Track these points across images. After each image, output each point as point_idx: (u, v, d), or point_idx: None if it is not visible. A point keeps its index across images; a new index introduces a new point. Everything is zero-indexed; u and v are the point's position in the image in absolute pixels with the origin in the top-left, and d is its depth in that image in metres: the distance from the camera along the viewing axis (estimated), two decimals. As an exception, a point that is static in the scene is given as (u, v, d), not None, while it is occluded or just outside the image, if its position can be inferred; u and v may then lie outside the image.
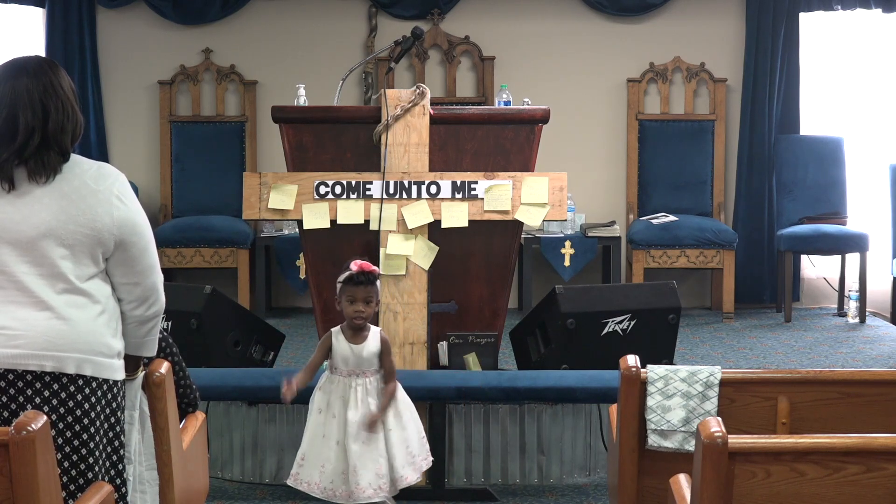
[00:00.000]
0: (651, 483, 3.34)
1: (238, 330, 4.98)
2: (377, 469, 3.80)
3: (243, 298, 7.15)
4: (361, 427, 3.79)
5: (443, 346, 4.74)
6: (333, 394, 3.85)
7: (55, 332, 2.69)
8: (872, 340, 6.80)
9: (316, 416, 3.86)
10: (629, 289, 5.30)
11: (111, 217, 2.75)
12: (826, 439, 2.49)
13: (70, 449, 2.70)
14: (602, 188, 7.70)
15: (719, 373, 3.29)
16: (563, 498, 4.40)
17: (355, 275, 3.85)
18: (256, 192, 4.78)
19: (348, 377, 3.84)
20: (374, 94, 7.35)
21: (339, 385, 3.85)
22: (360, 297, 3.85)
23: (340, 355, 3.86)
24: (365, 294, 3.85)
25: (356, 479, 3.77)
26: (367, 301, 3.85)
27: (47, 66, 2.80)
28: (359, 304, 3.85)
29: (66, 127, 2.76)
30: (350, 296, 3.85)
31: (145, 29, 7.66)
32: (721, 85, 7.62)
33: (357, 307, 3.85)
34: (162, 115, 7.61)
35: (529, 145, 4.83)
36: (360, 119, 4.84)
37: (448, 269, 4.79)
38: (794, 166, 7.51)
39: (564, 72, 7.65)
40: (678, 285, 5.06)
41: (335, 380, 3.86)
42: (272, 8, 7.67)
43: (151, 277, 2.85)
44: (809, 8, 7.62)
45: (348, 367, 3.85)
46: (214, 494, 4.35)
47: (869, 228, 7.40)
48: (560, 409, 4.52)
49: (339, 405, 3.83)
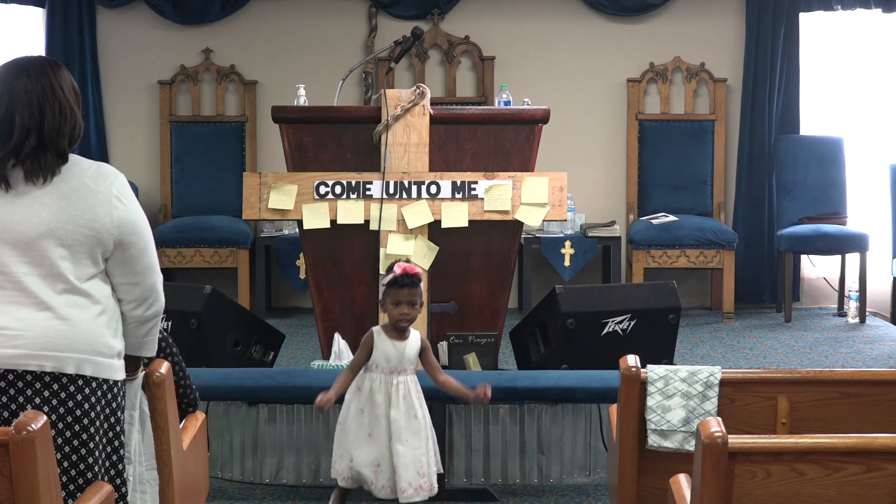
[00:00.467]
0: (651, 483, 3.34)
1: (238, 330, 4.98)
2: (419, 468, 3.84)
3: (243, 298, 7.15)
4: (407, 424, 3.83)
5: (443, 346, 4.74)
6: (376, 392, 3.87)
7: (55, 332, 2.69)
8: (872, 340, 6.80)
9: (359, 417, 3.87)
10: (629, 289, 5.30)
11: (111, 217, 2.75)
12: (826, 439, 2.49)
13: (70, 449, 2.70)
14: (602, 188, 7.70)
15: (719, 373, 3.29)
16: (563, 498, 4.40)
17: (399, 277, 3.89)
18: (256, 192, 4.78)
19: (389, 375, 3.87)
20: (374, 94, 7.35)
21: (380, 383, 3.87)
22: (405, 300, 3.89)
23: (383, 353, 3.89)
24: (409, 296, 3.89)
25: (398, 478, 3.82)
26: (412, 304, 3.90)
27: (49, 67, 2.79)
28: (403, 307, 3.88)
29: (64, 129, 2.76)
30: (395, 298, 3.89)
31: (145, 29, 7.66)
32: (721, 85, 7.62)
33: (402, 309, 3.88)
34: (162, 115, 7.61)
35: (529, 145, 4.83)
36: (360, 119, 4.84)
37: (448, 269, 4.79)
38: (794, 166, 7.51)
39: (564, 72, 7.65)
40: (678, 285, 5.06)
41: (376, 378, 3.88)
42: (272, 8, 7.67)
43: (151, 277, 2.85)
44: (809, 8, 7.61)
45: (390, 364, 3.88)
46: (214, 494, 4.35)
47: (869, 228, 7.40)
48: (560, 409, 4.52)
49: (380, 402, 3.86)
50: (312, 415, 4.44)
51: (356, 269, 4.84)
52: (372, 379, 3.89)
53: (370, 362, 3.91)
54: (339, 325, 4.82)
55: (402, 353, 3.90)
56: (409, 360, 3.91)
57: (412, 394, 3.89)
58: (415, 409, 3.88)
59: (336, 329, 4.78)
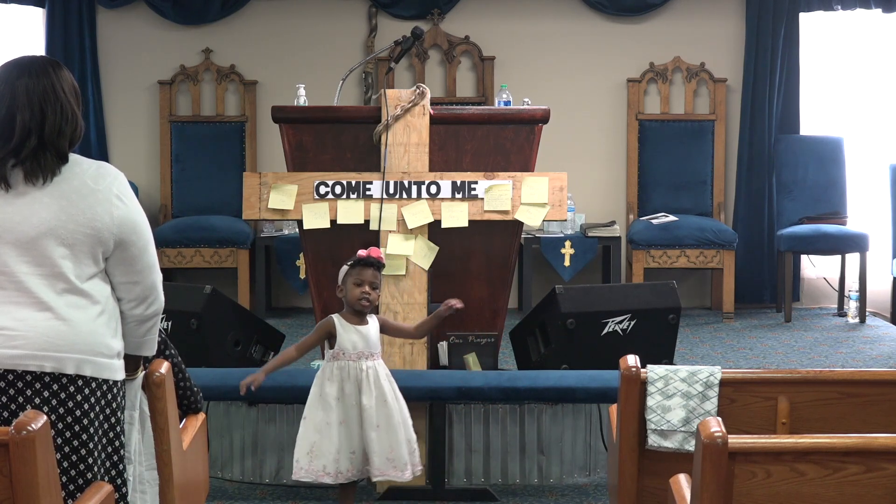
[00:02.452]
0: (651, 483, 3.34)
1: (238, 330, 4.98)
2: (388, 454, 3.88)
3: (243, 298, 7.15)
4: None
5: (443, 346, 4.74)
6: (346, 381, 3.87)
7: (55, 332, 2.69)
8: (872, 340, 6.80)
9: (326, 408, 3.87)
10: (629, 289, 5.30)
11: (111, 216, 2.75)
12: (826, 439, 2.49)
13: (69, 449, 2.70)
14: (602, 188, 7.70)
15: (719, 373, 3.29)
16: (563, 498, 4.40)
17: (364, 257, 3.92)
18: (256, 192, 4.78)
19: (357, 361, 3.88)
20: (374, 94, 7.35)
21: (350, 370, 3.88)
22: (367, 280, 3.90)
23: (348, 340, 3.89)
24: (372, 277, 3.91)
25: (369, 463, 3.87)
26: (374, 286, 3.90)
27: (51, 68, 2.80)
28: (366, 286, 3.89)
29: (65, 130, 2.75)
30: (358, 279, 3.90)
31: (145, 29, 7.66)
32: (721, 85, 7.62)
33: (364, 289, 3.89)
34: (162, 115, 7.61)
35: (529, 145, 4.83)
36: (360, 119, 4.84)
37: (448, 269, 4.79)
38: (794, 166, 7.51)
39: (564, 72, 7.65)
40: (678, 285, 5.06)
41: (344, 366, 3.89)
42: (272, 8, 7.67)
43: (151, 276, 2.85)
44: (809, 8, 7.61)
45: (357, 350, 3.88)
46: (214, 494, 4.35)
47: (869, 228, 7.40)
48: (560, 409, 4.52)
49: (353, 390, 3.86)
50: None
51: (356, 269, 4.84)
52: (341, 367, 3.90)
53: (336, 350, 3.91)
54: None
55: (367, 338, 3.92)
56: (374, 343, 3.94)
57: (381, 378, 3.90)
58: (385, 395, 3.89)
59: (336, 329, 4.78)
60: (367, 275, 3.92)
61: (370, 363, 3.90)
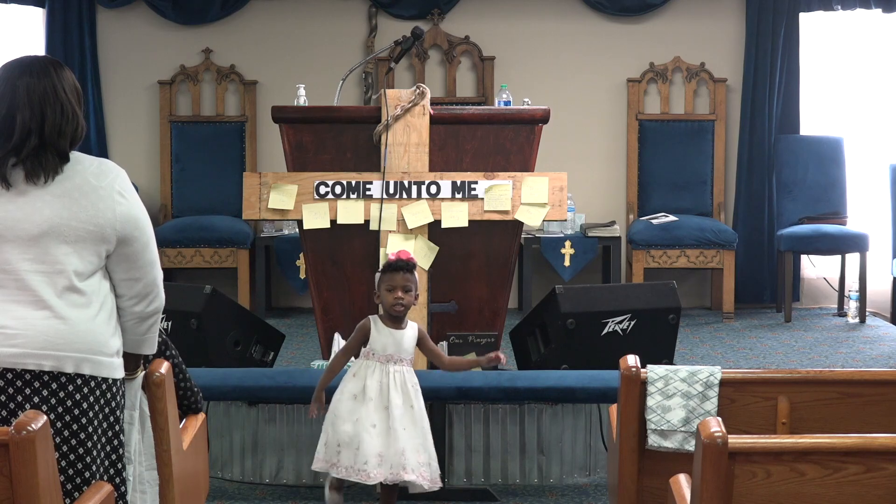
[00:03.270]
0: (651, 483, 3.34)
1: (238, 330, 4.98)
2: (418, 457, 3.83)
3: (243, 298, 7.15)
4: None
5: (443, 346, 4.74)
6: (369, 378, 3.85)
7: (54, 331, 2.69)
8: (872, 340, 6.80)
9: (349, 402, 3.86)
10: (629, 289, 5.30)
11: (113, 213, 2.75)
12: (826, 439, 2.49)
13: (68, 448, 2.70)
14: (602, 188, 7.70)
15: (719, 373, 3.29)
16: (563, 498, 4.40)
17: (393, 262, 3.90)
18: (256, 192, 4.78)
19: (386, 363, 3.87)
20: (374, 94, 7.35)
21: (375, 370, 3.87)
22: (399, 284, 3.89)
23: (380, 341, 3.89)
24: (404, 281, 3.89)
25: (403, 461, 3.79)
26: (406, 289, 3.89)
27: (52, 68, 2.80)
28: (398, 292, 3.88)
29: (65, 130, 2.76)
30: (389, 284, 3.89)
31: (145, 29, 7.66)
32: (721, 85, 7.62)
33: (396, 294, 3.88)
34: (162, 115, 7.61)
35: (529, 145, 4.83)
36: (360, 119, 4.84)
37: (448, 269, 4.79)
38: (794, 166, 7.51)
39: (564, 72, 7.65)
40: (678, 285, 5.06)
41: (371, 365, 3.88)
42: (272, 8, 7.67)
43: (152, 273, 2.85)
44: (809, 8, 7.61)
45: (387, 352, 3.88)
46: (214, 494, 4.35)
47: (869, 228, 7.40)
48: (560, 409, 4.52)
49: (375, 389, 3.84)
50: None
51: (356, 269, 4.84)
52: (367, 366, 3.88)
53: (367, 349, 3.91)
54: (339, 324, 4.81)
55: (400, 343, 3.90)
56: (406, 349, 3.91)
57: (408, 384, 3.88)
58: (411, 400, 3.87)
59: (336, 329, 4.78)
60: (398, 279, 3.89)
61: (398, 367, 3.88)
